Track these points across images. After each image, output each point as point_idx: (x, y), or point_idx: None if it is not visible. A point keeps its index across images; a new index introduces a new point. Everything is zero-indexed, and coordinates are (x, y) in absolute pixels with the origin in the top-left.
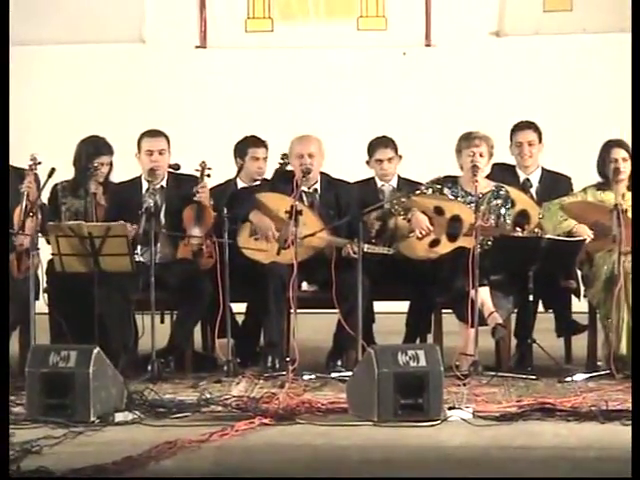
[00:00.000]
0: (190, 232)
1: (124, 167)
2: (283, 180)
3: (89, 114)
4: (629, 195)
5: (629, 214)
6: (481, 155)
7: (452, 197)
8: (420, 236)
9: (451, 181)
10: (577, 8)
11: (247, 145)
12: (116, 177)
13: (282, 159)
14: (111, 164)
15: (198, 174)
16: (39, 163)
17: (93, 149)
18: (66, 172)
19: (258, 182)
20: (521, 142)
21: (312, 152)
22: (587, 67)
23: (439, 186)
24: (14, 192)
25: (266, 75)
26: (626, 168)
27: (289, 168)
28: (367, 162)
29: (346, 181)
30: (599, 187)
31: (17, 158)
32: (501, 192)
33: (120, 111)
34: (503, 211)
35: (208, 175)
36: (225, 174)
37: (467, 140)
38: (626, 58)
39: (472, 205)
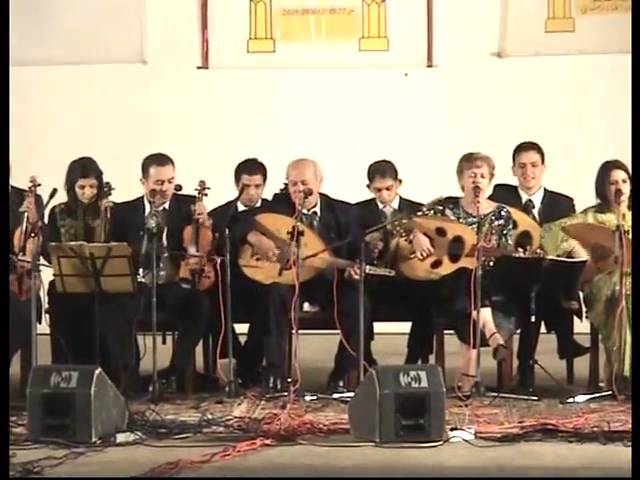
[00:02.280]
0: (189, 252)
1: (125, 188)
2: (283, 202)
3: (90, 135)
4: (630, 216)
5: (630, 235)
6: (482, 176)
7: (454, 218)
8: (421, 257)
9: (453, 202)
10: (578, 29)
11: (241, 171)
12: (117, 197)
13: (285, 186)
14: (100, 186)
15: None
16: (39, 185)
17: (79, 171)
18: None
19: (258, 203)
20: (524, 163)
21: (306, 179)
22: (588, 88)
23: (441, 207)
24: (14, 213)
25: (268, 96)
26: (626, 189)
27: (288, 190)
28: (367, 186)
29: (346, 202)
30: (599, 209)
31: (17, 179)
32: (503, 213)
33: (121, 132)
34: (505, 232)
35: (206, 195)
36: (226, 195)
37: (468, 161)
38: (627, 79)
39: (474, 226)
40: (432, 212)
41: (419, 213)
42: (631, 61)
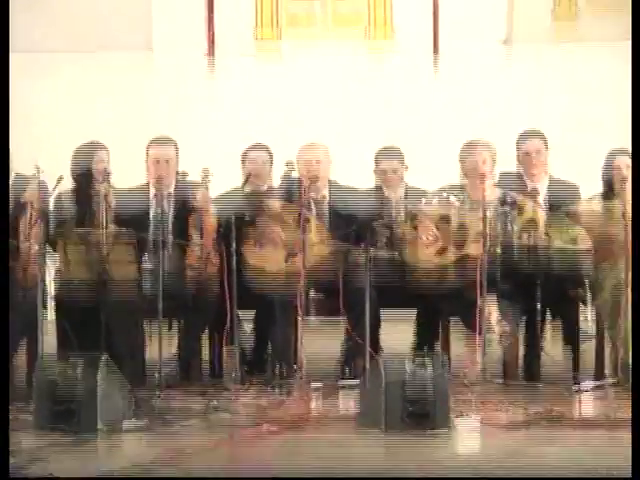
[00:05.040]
0: (194, 239)
1: (131, 175)
2: (291, 187)
3: (96, 122)
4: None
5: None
6: (483, 162)
7: (458, 205)
8: (427, 242)
9: (457, 189)
10: (585, 17)
11: (247, 154)
12: (123, 184)
13: (287, 166)
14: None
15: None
16: (42, 172)
17: (88, 150)
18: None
19: (265, 189)
20: (529, 151)
21: (319, 159)
22: (595, 75)
23: (445, 194)
24: (18, 200)
25: (274, 83)
26: (630, 175)
27: (294, 175)
28: (374, 171)
29: (355, 188)
30: (605, 196)
31: (21, 166)
32: (507, 199)
33: (127, 119)
34: (510, 218)
35: (209, 181)
36: (232, 182)
37: (469, 148)
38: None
39: (478, 213)
40: (436, 200)
41: (424, 201)
42: (631, 48)
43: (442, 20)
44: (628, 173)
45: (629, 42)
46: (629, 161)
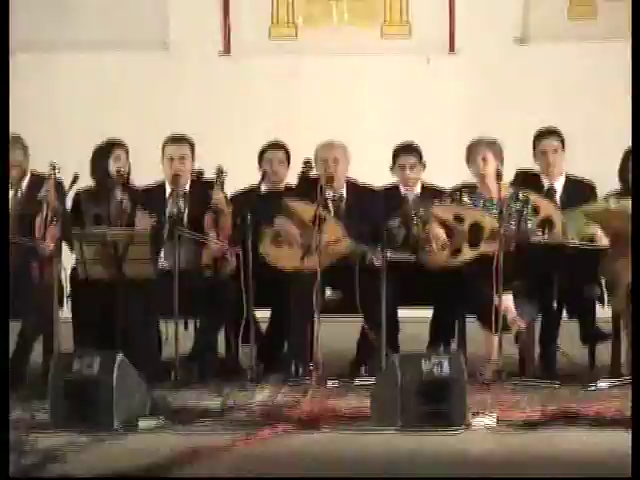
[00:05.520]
0: (210, 238)
1: (147, 174)
2: (308, 186)
3: (111, 121)
4: None
5: None
6: (483, 160)
7: (471, 204)
8: (437, 249)
9: (469, 188)
10: (601, 15)
11: (264, 152)
12: (139, 184)
13: (304, 165)
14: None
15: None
16: (58, 169)
17: (111, 144)
18: (88, 179)
19: (282, 187)
20: (545, 150)
21: (337, 157)
22: (611, 74)
23: (458, 194)
24: (34, 199)
25: (290, 81)
26: None
27: (312, 174)
28: (390, 168)
29: (372, 187)
30: (621, 194)
31: (37, 164)
32: (520, 196)
33: (143, 117)
34: (523, 216)
35: (223, 181)
36: (248, 181)
37: (470, 149)
38: None
39: (491, 211)
40: (450, 200)
41: (437, 203)
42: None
43: (458, 19)
44: None
45: None
46: None
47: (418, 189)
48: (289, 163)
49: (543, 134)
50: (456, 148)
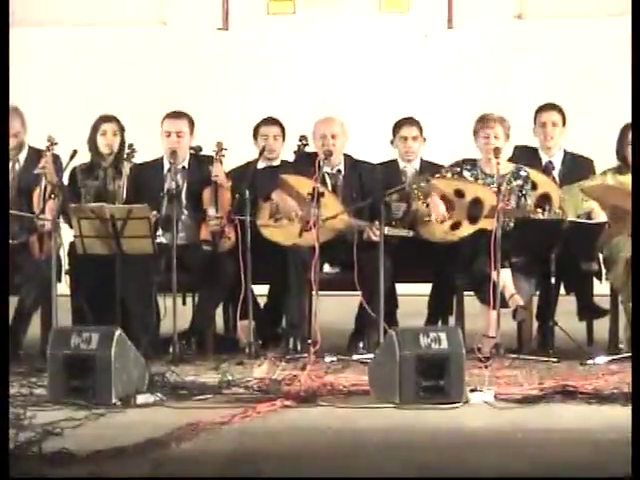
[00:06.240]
0: (208, 213)
1: (145, 149)
2: (305, 161)
3: (109, 96)
4: None
5: None
6: (496, 137)
7: (472, 179)
8: (437, 221)
9: (470, 163)
10: None
11: (259, 127)
12: (137, 159)
13: (300, 140)
14: (122, 141)
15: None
16: (56, 144)
17: (101, 117)
18: (86, 154)
19: (278, 163)
20: (545, 122)
21: (335, 133)
22: (608, 49)
23: (459, 169)
24: (31, 173)
25: (288, 57)
26: None
27: (308, 149)
28: (391, 142)
29: (370, 162)
30: (619, 170)
31: (35, 139)
32: (521, 173)
33: (141, 93)
34: (524, 192)
35: (223, 156)
36: (246, 156)
37: (482, 122)
38: None
39: (492, 187)
40: (450, 174)
41: (437, 175)
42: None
43: None
44: None
45: None
46: None
47: (417, 164)
48: (284, 139)
49: (544, 108)
50: (454, 123)
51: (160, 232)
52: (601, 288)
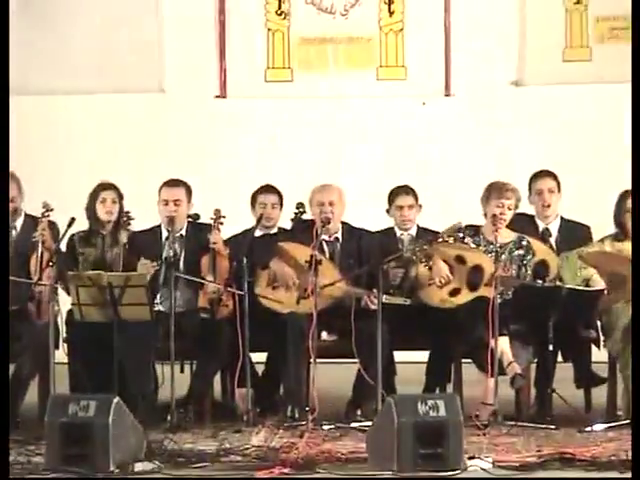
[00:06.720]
0: (206, 281)
1: (143, 217)
2: (303, 229)
3: (108, 164)
4: None
5: None
6: (509, 208)
7: (474, 246)
8: (440, 284)
9: (473, 230)
10: (596, 58)
11: (257, 195)
12: (135, 226)
13: (297, 208)
14: (121, 209)
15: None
16: (51, 210)
17: (101, 185)
18: (84, 222)
19: (275, 230)
20: (541, 189)
21: (333, 200)
22: (606, 116)
23: (461, 235)
24: (28, 239)
25: (286, 125)
26: None
27: (305, 217)
28: (387, 210)
29: (367, 230)
30: (616, 237)
31: (33, 207)
32: (523, 242)
33: (140, 161)
34: (525, 262)
35: (221, 224)
36: (244, 224)
37: (498, 190)
38: None
39: (493, 255)
40: (452, 240)
41: (440, 240)
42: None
43: (454, 62)
44: None
45: None
46: None
47: (414, 231)
48: (282, 206)
49: (539, 175)
50: (451, 191)
51: (158, 299)
52: (599, 355)
